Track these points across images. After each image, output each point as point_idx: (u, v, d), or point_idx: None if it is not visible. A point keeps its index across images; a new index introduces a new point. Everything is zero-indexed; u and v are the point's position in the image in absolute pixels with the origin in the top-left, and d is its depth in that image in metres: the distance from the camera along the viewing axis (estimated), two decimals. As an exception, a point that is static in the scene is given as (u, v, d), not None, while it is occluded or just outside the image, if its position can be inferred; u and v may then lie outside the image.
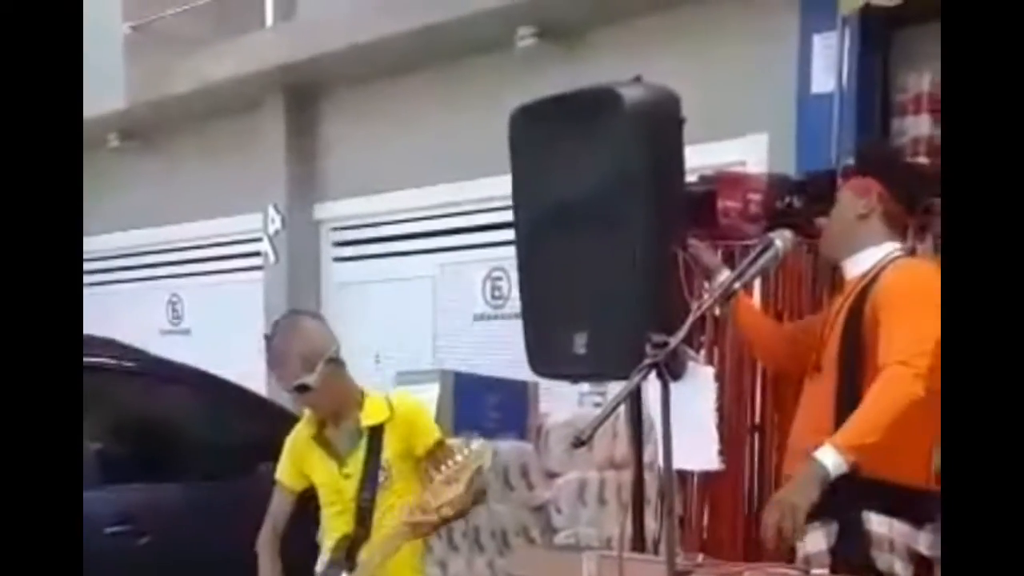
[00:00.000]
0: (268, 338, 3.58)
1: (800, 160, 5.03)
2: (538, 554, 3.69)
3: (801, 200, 3.98)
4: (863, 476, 3.04)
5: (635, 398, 3.07)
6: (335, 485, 3.54)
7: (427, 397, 4.74)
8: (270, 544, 3.62)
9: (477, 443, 3.38)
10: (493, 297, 7.28)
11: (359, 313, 8.02)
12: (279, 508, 3.65)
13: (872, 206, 3.32)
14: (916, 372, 2.98)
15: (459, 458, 3.31)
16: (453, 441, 3.65)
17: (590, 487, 4.99)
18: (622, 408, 3.02)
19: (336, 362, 3.52)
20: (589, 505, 4.97)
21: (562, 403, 5.47)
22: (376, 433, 3.50)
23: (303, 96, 8.11)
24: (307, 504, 3.71)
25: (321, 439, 3.57)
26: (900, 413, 2.98)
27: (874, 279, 3.26)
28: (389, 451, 3.49)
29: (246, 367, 6.57)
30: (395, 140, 7.52)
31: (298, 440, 3.62)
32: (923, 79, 4.86)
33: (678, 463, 2.76)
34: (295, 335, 3.54)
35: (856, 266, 3.34)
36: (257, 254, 8.42)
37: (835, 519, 3.10)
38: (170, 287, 9.50)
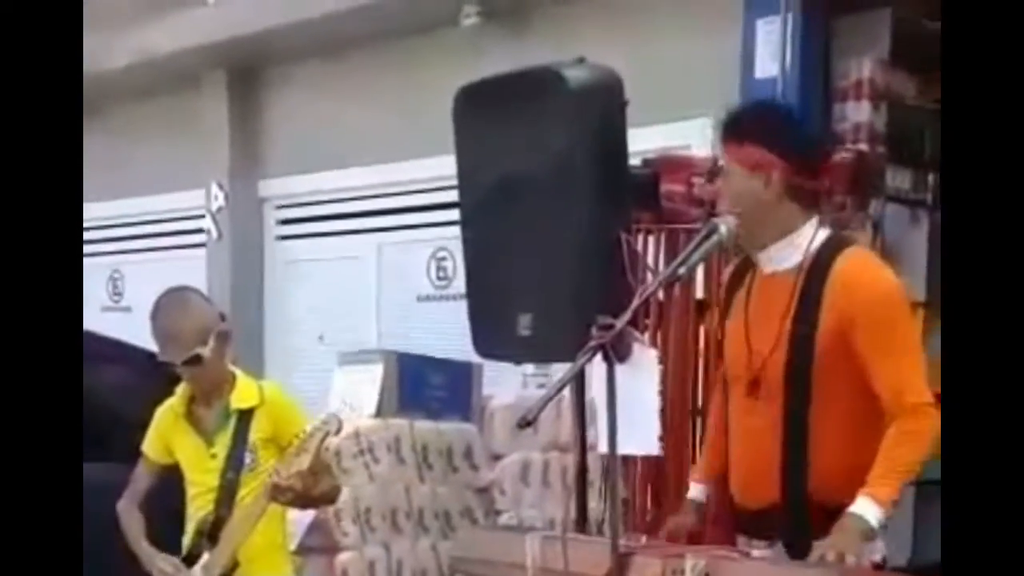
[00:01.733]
0: (153, 315, 3.56)
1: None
2: (481, 535, 3.69)
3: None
4: (816, 502, 2.94)
5: (580, 380, 3.07)
6: (201, 464, 3.54)
7: (371, 377, 4.73)
8: (128, 511, 3.66)
9: (326, 414, 3.43)
10: (438, 278, 7.26)
11: (303, 292, 7.98)
12: (141, 480, 3.69)
13: (776, 187, 2.98)
14: (936, 411, 2.73)
15: (308, 428, 3.36)
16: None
17: (534, 469, 5.01)
18: (567, 390, 3.02)
19: (224, 337, 3.53)
20: (533, 486, 4.99)
21: (506, 385, 5.47)
22: (245, 416, 3.51)
23: (246, 72, 8.03)
24: (176, 480, 3.71)
25: (191, 417, 3.58)
26: (923, 455, 2.82)
27: (818, 279, 2.95)
28: (256, 435, 3.50)
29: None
30: (340, 118, 7.47)
31: (167, 416, 3.64)
32: (864, 66, 4.90)
33: (619, 447, 2.77)
34: (187, 309, 3.56)
35: (776, 262, 3.03)
36: (200, 231, 8.34)
37: (783, 544, 3.01)
38: (111, 263, 9.38)
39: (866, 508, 2.78)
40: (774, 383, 2.99)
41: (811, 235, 3.02)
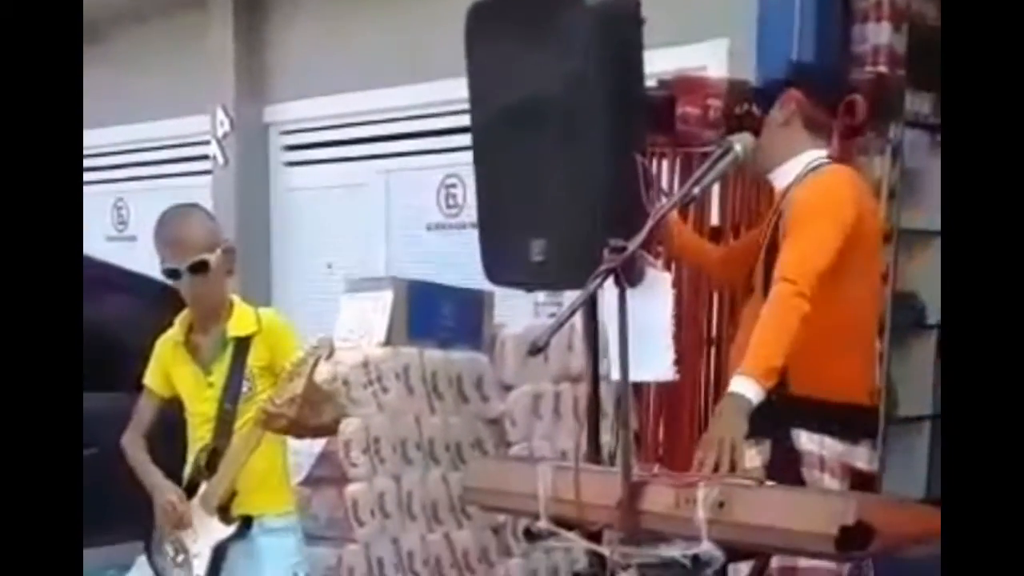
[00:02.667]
0: (159, 225, 3.52)
1: (760, 66, 4.94)
2: (493, 465, 3.64)
3: (760, 107, 3.89)
4: (791, 394, 3.06)
5: (592, 307, 3.01)
6: (199, 393, 3.49)
7: (380, 305, 4.66)
8: (133, 443, 3.61)
9: (318, 338, 3.36)
10: (448, 206, 7.18)
11: (309, 220, 7.91)
12: (144, 412, 3.63)
13: (790, 113, 3.28)
14: (799, 289, 2.97)
15: (300, 354, 3.30)
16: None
17: (545, 400, 4.95)
18: (578, 320, 2.96)
19: (229, 253, 3.48)
20: (544, 418, 4.93)
21: (517, 314, 5.41)
22: (243, 344, 3.44)
23: (252, -8, 7.92)
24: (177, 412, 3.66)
25: (189, 345, 3.52)
26: (795, 329, 2.96)
27: (790, 196, 3.24)
28: (254, 363, 3.44)
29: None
30: (348, 40, 7.35)
31: (166, 345, 3.58)
32: (884, -14, 4.78)
33: (632, 374, 2.71)
34: (194, 218, 3.55)
35: (782, 178, 3.31)
36: (205, 157, 8.25)
37: (767, 437, 3.11)
38: (115, 192, 9.30)
39: (740, 384, 2.92)
40: (757, 298, 3.23)
41: (808, 160, 3.25)
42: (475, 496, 3.26)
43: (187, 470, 3.49)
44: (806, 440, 3.13)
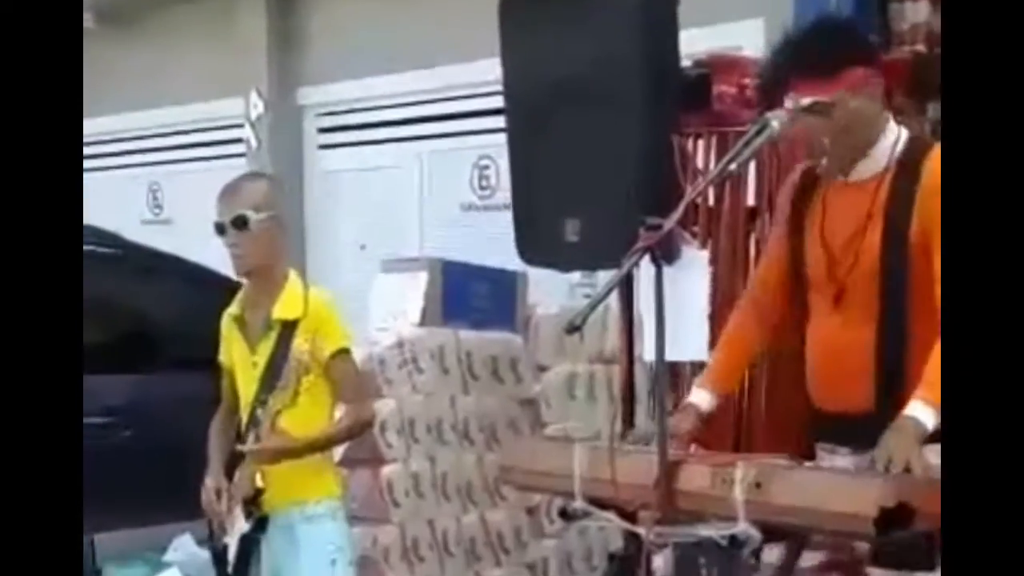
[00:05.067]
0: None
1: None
2: (529, 444, 3.65)
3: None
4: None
5: (627, 286, 3.00)
6: (245, 372, 3.43)
7: (415, 285, 4.66)
8: (219, 427, 3.54)
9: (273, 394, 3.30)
10: (481, 187, 7.17)
11: (344, 202, 7.91)
12: (227, 389, 3.56)
13: (881, 100, 2.91)
14: None
15: (292, 363, 3.28)
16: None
17: (580, 381, 4.94)
18: (614, 301, 2.94)
19: (279, 223, 3.44)
20: (579, 399, 4.93)
21: (552, 295, 5.40)
22: (288, 329, 3.36)
23: (286, -25, 7.93)
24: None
25: (240, 321, 3.47)
26: None
27: (907, 181, 2.83)
28: (298, 349, 3.34)
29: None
30: (383, 21, 7.34)
31: (225, 322, 3.54)
32: (923, -36, 4.72)
33: (668, 354, 2.69)
34: (252, 179, 3.62)
35: (858, 171, 2.92)
36: (239, 140, 8.27)
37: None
38: (150, 175, 9.34)
39: (919, 410, 2.67)
40: (864, 290, 2.88)
41: (894, 139, 2.91)
42: (511, 475, 3.24)
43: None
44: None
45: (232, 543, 3.37)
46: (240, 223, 3.36)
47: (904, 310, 2.84)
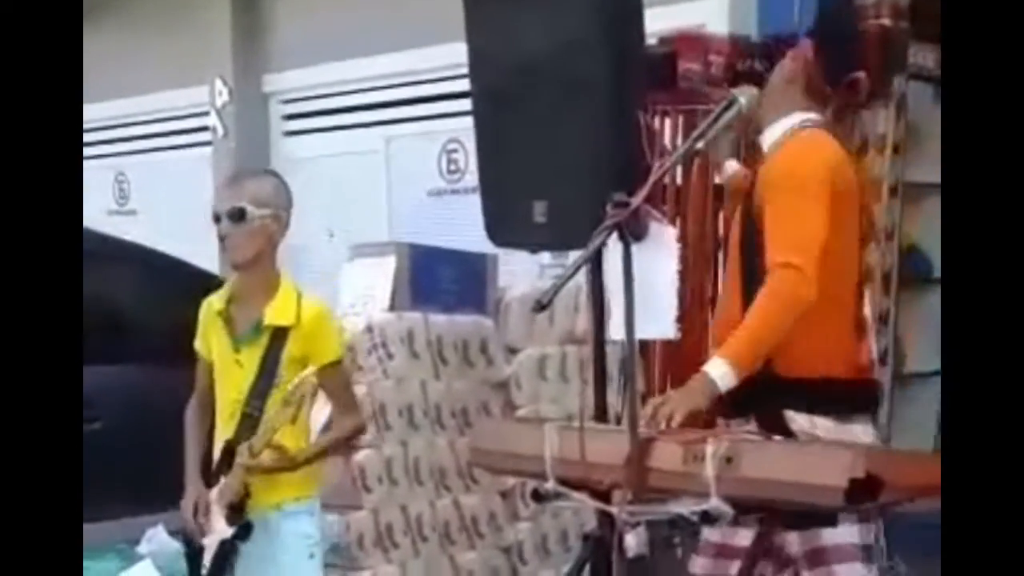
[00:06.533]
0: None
1: (762, 22, 4.90)
2: (499, 426, 3.64)
3: (763, 63, 3.85)
4: (780, 375, 2.98)
5: (596, 265, 2.98)
6: (226, 369, 3.37)
7: (383, 270, 4.63)
8: (193, 417, 3.49)
9: (301, 376, 3.22)
10: (449, 171, 7.15)
11: (311, 189, 7.86)
12: (202, 377, 3.49)
13: (796, 71, 3.14)
14: (804, 276, 2.87)
15: (296, 379, 3.19)
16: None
17: (551, 363, 4.93)
18: (583, 282, 2.94)
19: (278, 222, 3.36)
20: (550, 381, 4.92)
21: (522, 277, 5.39)
22: (280, 336, 3.31)
23: (248, -38, 7.88)
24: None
25: (225, 315, 3.40)
26: (791, 320, 2.89)
27: (767, 160, 3.11)
28: (288, 357, 3.31)
29: (197, 247, 6.43)
30: (346, 6, 7.30)
31: (205, 311, 3.46)
32: (887, -63, 4.72)
33: (637, 332, 2.69)
34: (255, 174, 3.56)
35: (768, 137, 3.16)
36: (205, 129, 8.22)
37: (755, 418, 3.01)
38: (115, 165, 9.27)
39: (714, 366, 2.86)
40: (735, 256, 3.12)
41: (795, 121, 3.11)
42: (482, 458, 3.24)
43: (214, 459, 3.38)
44: (798, 421, 3.02)
45: (210, 545, 3.33)
46: (237, 215, 3.30)
47: (758, 279, 2.98)
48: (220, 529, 3.31)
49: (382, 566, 4.51)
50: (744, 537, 3.04)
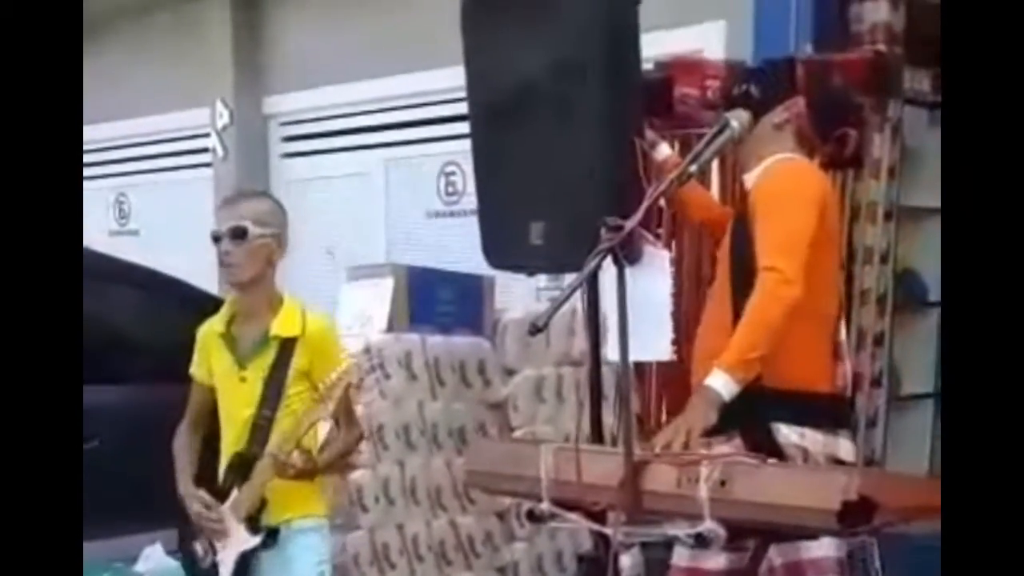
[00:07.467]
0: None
1: (758, 48, 4.93)
2: (495, 447, 3.65)
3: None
4: (768, 387, 3.02)
5: (592, 288, 3.01)
6: (231, 388, 3.38)
7: (380, 292, 4.65)
8: (184, 441, 3.49)
9: (345, 365, 3.29)
10: (447, 193, 7.17)
11: (310, 210, 7.90)
12: (195, 404, 3.51)
13: (790, 119, 3.25)
14: (785, 277, 2.95)
15: (333, 376, 3.22)
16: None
17: (547, 384, 4.95)
18: (579, 305, 2.97)
19: (278, 242, 3.38)
20: (547, 402, 4.93)
21: (519, 300, 5.41)
22: (287, 347, 3.33)
23: (249, -15, 7.92)
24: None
25: (227, 336, 3.41)
26: (779, 320, 2.95)
27: (754, 187, 3.22)
28: (295, 369, 3.33)
29: (198, 267, 6.45)
30: (346, 30, 7.34)
31: (208, 334, 3.47)
32: (882, -36, 4.76)
33: (631, 354, 2.71)
34: (255, 195, 3.64)
35: (756, 172, 3.27)
36: (205, 150, 8.25)
37: (740, 431, 3.06)
38: (116, 186, 9.30)
39: (715, 378, 2.91)
40: (724, 280, 3.21)
41: (779, 158, 3.22)
42: (478, 479, 3.25)
43: (220, 472, 3.38)
44: (785, 433, 3.08)
45: (228, 560, 3.33)
46: (238, 233, 3.32)
47: (745, 286, 3.06)
48: (238, 540, 3.32)
49: (379, 586, 4.52)
50: (715, 561, 3.06)
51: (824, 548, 3.01)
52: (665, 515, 2.64)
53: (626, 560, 2.83)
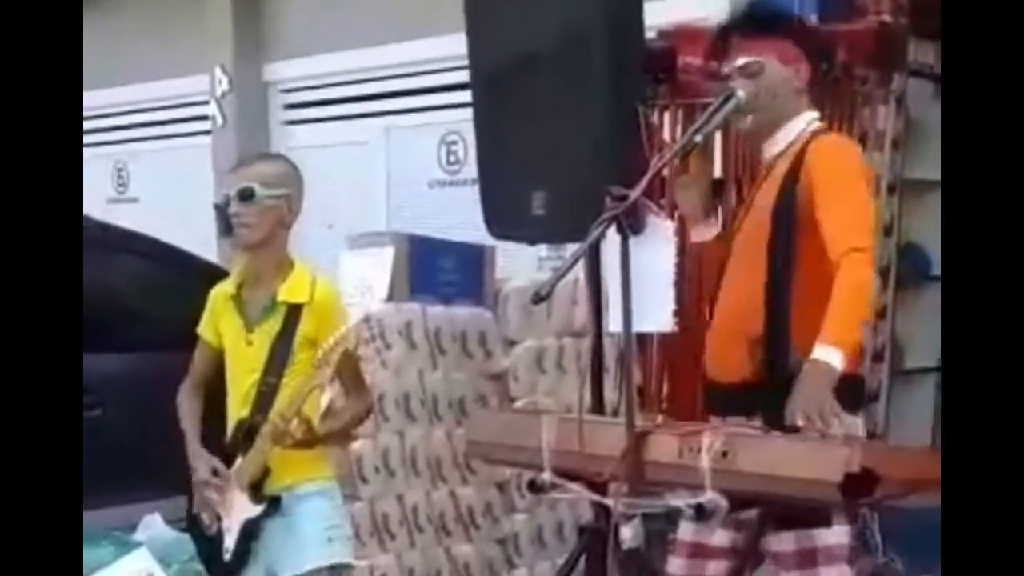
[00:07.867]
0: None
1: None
2: (496, 418, 3.64)
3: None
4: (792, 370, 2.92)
5: (594, 257, 3.00)
6: (239, 351, 3.35)
7: (381, 261, 4.63)
8: (187, 399, 3.47)
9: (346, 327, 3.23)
10: (448, 163, 7.15)
11: (310, 179, 7.83)
12: (200, 363, 3.48)
13: (802, 81, 3.12)
14: (870, 258, 2.92)
15: (330, 340, 3.17)
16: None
17: (548, 355, 4.93)
18: (581, 274, 2.95)
19: (289, 204, 3.35)
20: (548, 373, 4.92)
21: (521, 269, 5.39)
22: (295, 313, 3.30)
23: (250, -50, 7.87)
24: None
25: (237, 298, 3.39)
26: (868, 303, 2.94)
27: (797, 160, 3.06)
28: (301, 335, 3.30)
29: (197, 235, 6.44)
30: (346, -4, 7.30)
31: (218, 296, 3.45)
32: (887, -67, 4.71)
33: (634, 325, 2.69)
34: (264, 156, 3.61)
35: (783, 138, 3.13)
36: (205, 118, 8.21)
37: (763, 416, 2.95)
38: (115, 154, 9.27)
39: (828, 353, 2.75)
40: (756, 256, 3.04)
41: (806, 121, 3.13)
42: (479, 450, 3.25)
43: (228, 438, 3.35)
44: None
45: (233, 528, 3.31)
46: (246, 195, 3.28)
47: (790, 278, 2.98)
48: (241, 507, 3.29)
49: (378, 556, 4.51)
50: (721, 537, 3.03)
51: (837, 536, 2.97)
52: (667, 486, 2.64)
53: (627, 532, 2.82)
